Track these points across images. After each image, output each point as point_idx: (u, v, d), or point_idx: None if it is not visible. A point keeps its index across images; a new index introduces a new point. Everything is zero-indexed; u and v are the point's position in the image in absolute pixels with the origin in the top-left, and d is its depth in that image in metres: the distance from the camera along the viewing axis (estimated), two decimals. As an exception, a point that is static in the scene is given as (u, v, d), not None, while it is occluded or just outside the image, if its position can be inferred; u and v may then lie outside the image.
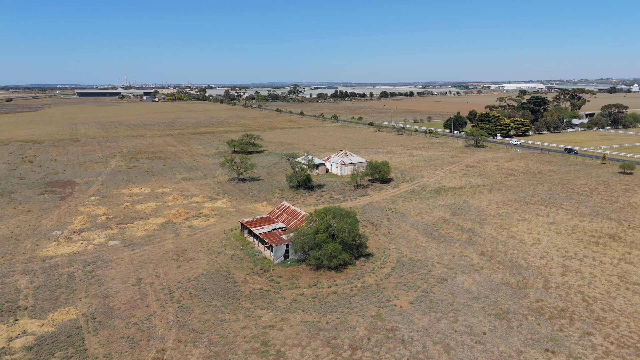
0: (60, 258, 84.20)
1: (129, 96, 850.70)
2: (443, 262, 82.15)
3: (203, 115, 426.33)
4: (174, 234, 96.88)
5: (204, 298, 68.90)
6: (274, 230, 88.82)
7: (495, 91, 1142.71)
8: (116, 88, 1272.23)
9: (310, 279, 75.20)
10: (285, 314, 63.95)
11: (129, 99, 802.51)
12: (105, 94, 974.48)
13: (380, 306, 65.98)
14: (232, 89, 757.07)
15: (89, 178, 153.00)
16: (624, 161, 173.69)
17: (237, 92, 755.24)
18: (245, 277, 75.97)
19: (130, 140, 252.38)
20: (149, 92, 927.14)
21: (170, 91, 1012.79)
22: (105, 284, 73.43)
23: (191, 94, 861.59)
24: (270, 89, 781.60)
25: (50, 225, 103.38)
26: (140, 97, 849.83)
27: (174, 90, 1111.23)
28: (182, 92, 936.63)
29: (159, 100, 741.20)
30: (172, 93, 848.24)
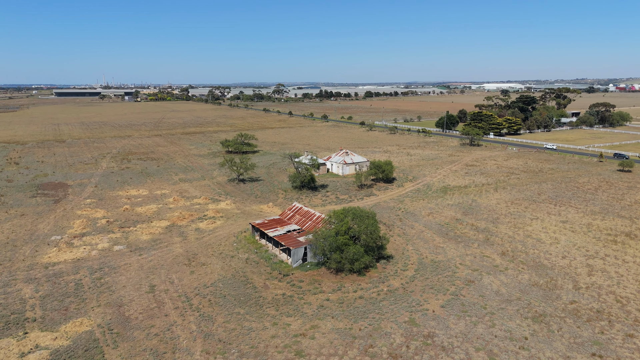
0: (63, 265, 79.49)
1: (110, 96, 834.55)
2: (465, 263, 79.91)
3: (189, 115, 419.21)
4: (182, 238, 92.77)
5: (225, 305, 65.27)
6: (289, 232, 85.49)
7: (477, 91, 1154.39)
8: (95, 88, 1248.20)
9: (333, 283, 72.12)
10: (314, 321, 60.77)
11: (110, 99, 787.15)
12: (85, 94, 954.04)
13: (411, 311, 63.28)
14: (216, 89, 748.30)
15: (81, 180, 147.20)
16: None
17: (221, 92, 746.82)
18: (264, 282, 72.51)
19: (118, 141, 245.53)
20: (130, 92, 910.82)
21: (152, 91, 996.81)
22: (117, 292, 69.20)
23: (174, 94, 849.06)
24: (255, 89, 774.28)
25: (48, 229, 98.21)
26: (121, 97, 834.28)
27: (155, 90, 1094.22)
28: (165, 92, 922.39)
29: (141, 100, 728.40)
30: (155, 93, 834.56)
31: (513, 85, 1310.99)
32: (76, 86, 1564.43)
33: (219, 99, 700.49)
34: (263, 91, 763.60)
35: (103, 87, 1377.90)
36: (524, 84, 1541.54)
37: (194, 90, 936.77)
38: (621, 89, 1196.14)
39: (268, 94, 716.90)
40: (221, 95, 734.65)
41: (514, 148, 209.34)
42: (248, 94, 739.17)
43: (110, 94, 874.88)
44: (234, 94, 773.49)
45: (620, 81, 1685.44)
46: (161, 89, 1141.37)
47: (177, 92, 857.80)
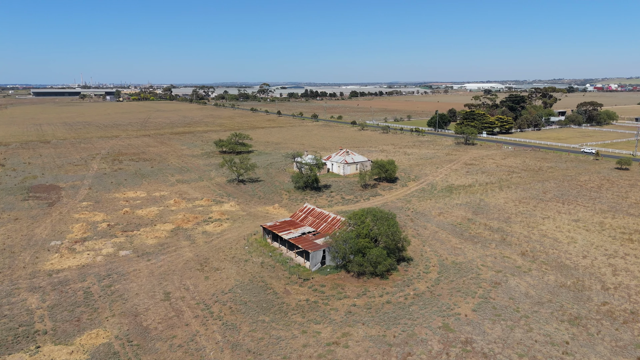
0: (68, 272, 75.19)
1: (90, 96, 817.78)
2: (487, 264, 78.03)
3: (175, 115, 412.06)
4: (190, 241, 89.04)
5: (248, 313, 62.05)
6: (304, 235, 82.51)
7: (459, 91, 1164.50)
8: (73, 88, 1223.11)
9: (356, 287, 69.43)
10: (345, 328, 57.97)
11: (91, 99, 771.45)
12: (64, 94, 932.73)
13: (443, 316, 60.95)
14: (200, 88, 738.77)
15: (73, 182, 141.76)
16: (616, 157, 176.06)
17: (205, 91, 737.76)
18: (285, 287, 69.44)
19: (106, 142, 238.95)
20: (111, 91, 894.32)
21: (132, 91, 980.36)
22: (130, 300, 65.38)
23: (157, 93, 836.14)
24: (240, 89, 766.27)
25: (46, 234, 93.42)
26: (102, 96, 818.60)
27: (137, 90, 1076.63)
28: (147, 91, 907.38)
29: (123, 100, 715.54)
30: (138, 93, 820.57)
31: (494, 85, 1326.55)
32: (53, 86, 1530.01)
33: (204, 98, 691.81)
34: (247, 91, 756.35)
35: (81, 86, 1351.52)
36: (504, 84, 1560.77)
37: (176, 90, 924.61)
38: (599, 88, 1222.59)
39: (253, 94, 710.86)
40: (205, 94, 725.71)
41: (510, 147, 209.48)
42: (233, 94, 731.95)
43: (91, 94, 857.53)
44: (218, 94, 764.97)
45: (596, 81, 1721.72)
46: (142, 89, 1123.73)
47: (161, 92, 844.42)
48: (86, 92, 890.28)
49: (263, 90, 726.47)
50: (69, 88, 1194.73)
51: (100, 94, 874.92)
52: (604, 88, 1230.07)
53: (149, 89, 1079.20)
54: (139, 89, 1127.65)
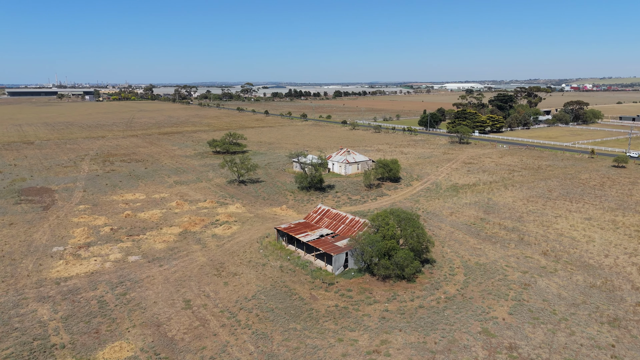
0: (77, 280, 71.02)
1: (68, 95, 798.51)
2: (511, 265, 76.46)
3: (160, 115, 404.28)
4: (201, 245, 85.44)
5: (277, 320, 59.04)
6: (322, 237, 79.74)
7: (440, 90, 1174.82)
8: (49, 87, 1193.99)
9: (384, 291, 67.00)
10: (382, 335, 55.46)
11: (69, 99, 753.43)
12: (41, 94, 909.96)
13: (480, 320, 58.93)
14: (182, 88, 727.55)
15: (65, 184, 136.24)
16: (611, 155, 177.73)
17: (187, 91, 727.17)
18: (310, 293, 66.61)
19: (93, 142, 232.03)
20: (90, 91, 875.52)
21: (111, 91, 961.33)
22: (149, 309, 61.73)
23: (137, 93, 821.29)
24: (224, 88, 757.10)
25: (46, 240, 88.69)
26: (81, 96, 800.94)
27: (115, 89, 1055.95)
28: (126, 91, 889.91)
29: (103, 99, 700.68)
30: (118, 92, 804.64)
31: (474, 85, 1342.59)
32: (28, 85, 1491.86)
33: (186, 98, 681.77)
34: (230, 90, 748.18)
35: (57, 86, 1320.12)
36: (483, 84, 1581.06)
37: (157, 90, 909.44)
38: (575, 88, 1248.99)
39: (237, 93, 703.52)
40: (188, 94, 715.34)
41: (505, 146, 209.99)
42: (216, 93, 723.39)
43: (69, 94, 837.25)
44: (201, 93, 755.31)
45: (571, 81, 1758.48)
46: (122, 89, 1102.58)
47: (141, 92, 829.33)
48: (64, 92, 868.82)
49: (246, 89, 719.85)
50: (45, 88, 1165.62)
51: (79, 93, 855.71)
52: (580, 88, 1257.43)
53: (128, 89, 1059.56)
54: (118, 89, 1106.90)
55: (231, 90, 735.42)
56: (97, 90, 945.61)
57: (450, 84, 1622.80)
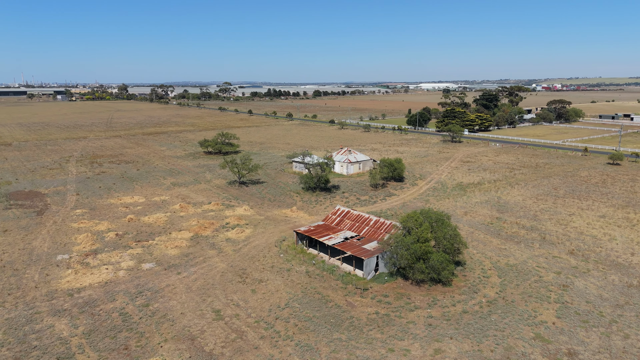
0: (91, 290, 66.01)
1: (39, 95, 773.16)
2: (542, 265, 74.77)
3: (140, 115, 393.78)
4: (216, 250, 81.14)
5: (319, 330, 55.56)
6: (347, 240, 76.50)
7: (417, 90, 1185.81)
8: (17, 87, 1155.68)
9: (422, 296, 64.22)
10: (434, 344, 52.61)
11: (40, 99, 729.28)
12: (9, 93, 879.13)
13: (530, 325, 56.71)
14: (159, 88, 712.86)
15: (55, 187, 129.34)
16: (602, 153, 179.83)
17: (164, 90, 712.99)
18: (345, 299, 63.32)
19: (75, 143, 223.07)
20: (61, 91, 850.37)
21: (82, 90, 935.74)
22: (178, 322, 57.40)
23: (112, 93, 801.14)
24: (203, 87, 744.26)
25: (47, 247, 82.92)
26: (52, 96, 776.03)
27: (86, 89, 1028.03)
28: (98, 91, 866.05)
29: (76, 99, 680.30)
30: (92, 92, 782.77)
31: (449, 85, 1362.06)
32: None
33: (163, 97, 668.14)
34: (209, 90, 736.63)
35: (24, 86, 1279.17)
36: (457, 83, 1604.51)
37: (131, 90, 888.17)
38: (547, 88, 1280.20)
39: (216, 93, 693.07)
40: (165, 94, 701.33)
41: (498, 144, 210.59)
42: (195, 93, 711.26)
43: (39, 93, 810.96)
44: (178, 93, 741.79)
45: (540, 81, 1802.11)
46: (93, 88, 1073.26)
47: (116, 91, 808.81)
48: (34, 92, 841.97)
49: (225, 89, 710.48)
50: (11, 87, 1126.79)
51: (50, 93, 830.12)
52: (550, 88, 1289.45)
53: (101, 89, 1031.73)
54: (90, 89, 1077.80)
55: (210, 90, 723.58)
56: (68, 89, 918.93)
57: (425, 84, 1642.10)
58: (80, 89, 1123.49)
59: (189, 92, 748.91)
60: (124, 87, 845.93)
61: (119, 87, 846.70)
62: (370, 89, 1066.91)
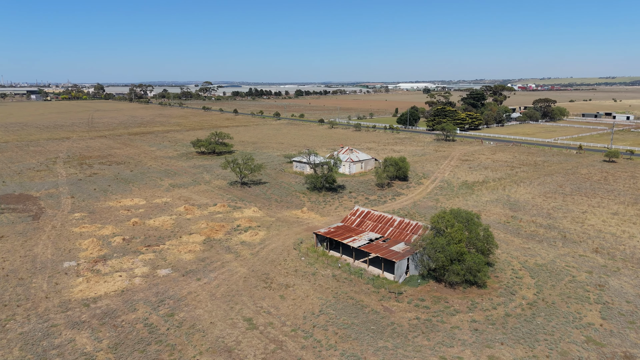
0: (108, 300, 61.65)
1: (12, 95, 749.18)
2: (571, 265, 73.34)
3: (121, 115, 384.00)
4: (233, 254, 77.40)
5: (361, 338, 52.58)
6: (372, 242, 73.69)
7: (397, 90, 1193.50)
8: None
9: (460, 299, 61.85)
10: (485, 350, 50.20)
11: (13, 98, 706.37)
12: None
13: (578, 327, 54.86)
14: (137, 87, 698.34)
15: (47, 190, 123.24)
16: (594, 150, 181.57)
17: (143, 90, 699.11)
18: (381, 304, 60.49)
19: (58, 144, 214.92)
20: (35, 90, 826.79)
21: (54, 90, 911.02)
22: (210, 332, 53.69)
23: (88, 92, 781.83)
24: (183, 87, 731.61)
25: (51, 254, 77.88)
26: (26, 95, 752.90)
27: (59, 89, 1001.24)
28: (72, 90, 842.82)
29: (51, 99, 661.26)
30: (68, 92, 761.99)
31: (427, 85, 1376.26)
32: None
33: (142, 97, 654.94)
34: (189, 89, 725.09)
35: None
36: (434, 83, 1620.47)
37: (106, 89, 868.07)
38: (522, 88, 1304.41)
39: (197, 92, 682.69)
40: (144, 93, 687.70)
41: (492, 142, 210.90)
42: (175, 93, 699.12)
43: (12, 93, 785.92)
44: (157, 93, 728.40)
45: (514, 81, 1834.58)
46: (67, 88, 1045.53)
47: (92, 91, 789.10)
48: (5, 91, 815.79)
49: (205, 88, 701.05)
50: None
51: (22, 92, 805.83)
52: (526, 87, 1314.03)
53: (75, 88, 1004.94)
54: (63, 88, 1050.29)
55: (190, 90, 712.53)
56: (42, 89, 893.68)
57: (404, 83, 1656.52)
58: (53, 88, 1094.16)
59: (169, 91, 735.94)
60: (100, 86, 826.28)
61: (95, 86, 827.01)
62: (351, 89, 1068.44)
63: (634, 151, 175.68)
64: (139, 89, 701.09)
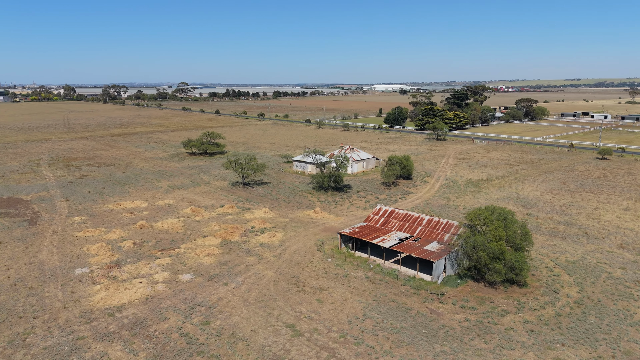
0: (133, 308, 57.24)
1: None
2: (601, 261, 72.42)
3: (98, 116, 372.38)
4: (255, 257, 73.70)
5: (416, 343, 49.85)
6: (403, 241, 71.16)
7: (374, 92, 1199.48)
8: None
9: (504, 299, 59.82)
10: (548, 352, 48.18)
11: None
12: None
13: (632, 325, 53.61)
14: (110, 88, 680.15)
15: (37, 193, 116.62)
16: (583, 148, 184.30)
17: (117, 91, 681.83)
18: (425, 306, 57.89)
19: (38, 146, 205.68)
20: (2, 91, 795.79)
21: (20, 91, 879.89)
22: (253, 341, 50.08)
23: (59, 93, 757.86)
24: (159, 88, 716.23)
25: (58, 260, 72.62)
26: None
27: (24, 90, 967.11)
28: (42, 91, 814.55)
29: (20, 100, 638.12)
30: (37, 92, 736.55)
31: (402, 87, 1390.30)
32: None
33: (116, 98, 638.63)
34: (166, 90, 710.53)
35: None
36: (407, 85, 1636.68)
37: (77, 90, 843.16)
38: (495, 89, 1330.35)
39: (173, 93, 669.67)
40: (117, 94, 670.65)
41: (483, 141, 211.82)
42: (151, 94, 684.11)
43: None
44: (132, 94, 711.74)
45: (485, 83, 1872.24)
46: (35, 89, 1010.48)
47: (62, 92, 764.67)
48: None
49: (182, 89, 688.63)
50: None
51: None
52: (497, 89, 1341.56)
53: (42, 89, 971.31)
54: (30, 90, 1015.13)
55: (167, 91, 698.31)
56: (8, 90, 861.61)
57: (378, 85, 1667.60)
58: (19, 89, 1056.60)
59: (144, 92, 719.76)
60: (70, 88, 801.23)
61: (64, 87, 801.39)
62: (328, 90, 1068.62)
63: (625, 149, 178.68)
64: (113, 89, 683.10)
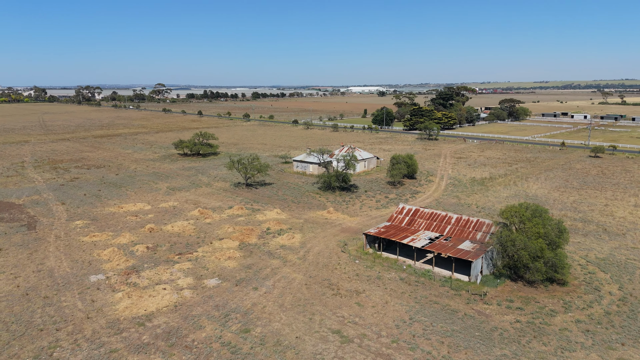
0: (164, 317, 53.43)
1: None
2: (631, 257, 71.92)
3: (75, 118, 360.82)
4: (279, 260, 70.50)
5: (473, 347, 47.62)
6: (433, 241, 69.07)
7: (352, 93, 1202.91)
8: None
9: (548, 298, 58.26)
10: (611, 353, 46.66)
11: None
12: None
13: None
14: (84, 89, 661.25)
15: (29, 197, 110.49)
16: (573, 147, 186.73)
17: (91, 92, 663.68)
18: (470, 308, 55.80)
19: (18, 148, 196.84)
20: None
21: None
22: (302, 349, 47.02)
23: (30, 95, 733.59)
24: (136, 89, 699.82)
25: (69, 267, 67.95)
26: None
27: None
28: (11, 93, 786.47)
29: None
30: (6, 94, 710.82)
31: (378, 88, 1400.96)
32: None
33: (90, 100, 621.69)
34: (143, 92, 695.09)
35: None
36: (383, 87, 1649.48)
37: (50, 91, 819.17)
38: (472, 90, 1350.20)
39: (150, 95, 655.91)
40: (91, 96, 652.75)
41: (475, 140, 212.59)
42: (127, 95, 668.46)
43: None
44: (107, 95, 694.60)
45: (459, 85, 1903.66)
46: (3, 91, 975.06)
47: (33, 93, 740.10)
48: None
49: (158, 91, 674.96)
50: None
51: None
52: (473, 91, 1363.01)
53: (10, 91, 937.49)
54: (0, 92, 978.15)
55: (144, 92, 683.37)
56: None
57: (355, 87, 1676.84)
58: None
59: (119, 94, 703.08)
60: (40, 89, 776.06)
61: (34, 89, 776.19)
62: (307, 92, 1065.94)
63: (616, 147, 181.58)
64: (86, 91, 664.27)
